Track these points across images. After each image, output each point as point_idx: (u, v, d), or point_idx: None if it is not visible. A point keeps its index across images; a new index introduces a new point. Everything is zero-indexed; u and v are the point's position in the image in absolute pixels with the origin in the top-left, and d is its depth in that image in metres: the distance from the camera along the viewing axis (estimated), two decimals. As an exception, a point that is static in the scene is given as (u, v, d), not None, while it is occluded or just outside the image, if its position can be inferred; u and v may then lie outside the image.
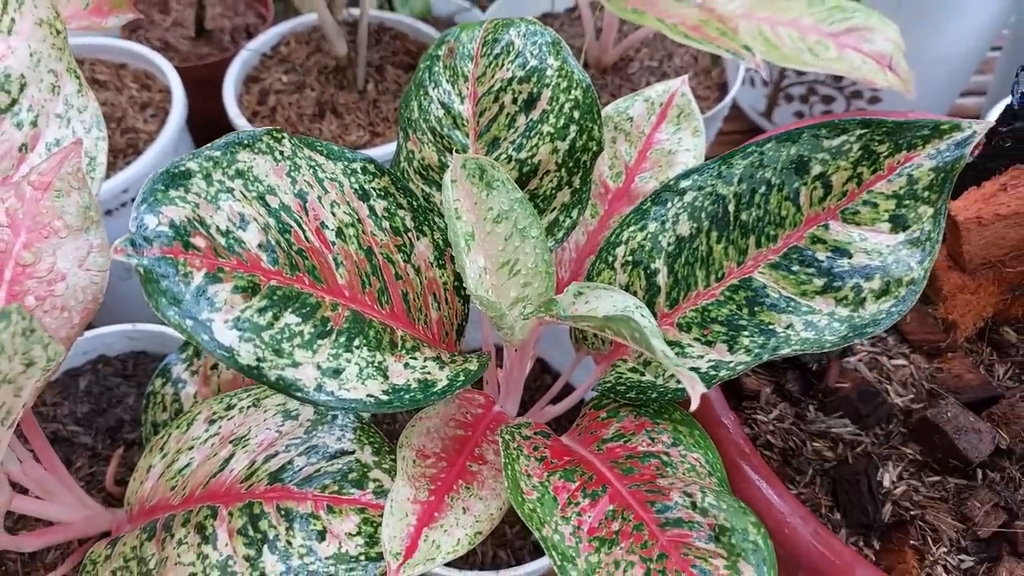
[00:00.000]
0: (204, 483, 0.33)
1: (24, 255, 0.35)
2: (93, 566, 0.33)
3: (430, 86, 0.39)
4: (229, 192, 0.27)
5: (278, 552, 0.29)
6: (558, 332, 0.56)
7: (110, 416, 0.52)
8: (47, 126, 0.38)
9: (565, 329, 0.55)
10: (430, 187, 0.40)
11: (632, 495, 0.29)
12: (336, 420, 0.33)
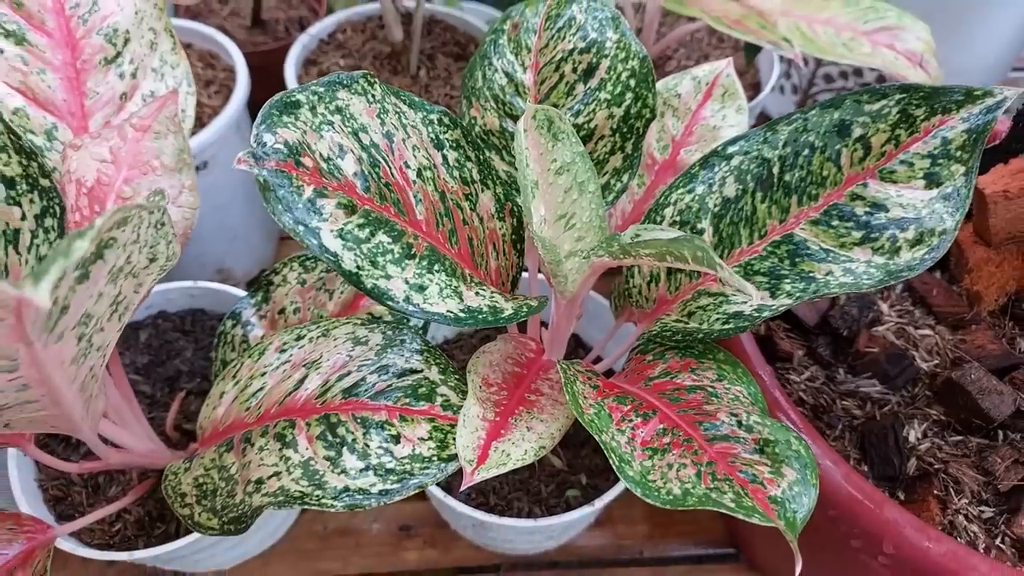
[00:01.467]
0: (279, 402, 0.36)
1: (124, 189, 0.38)
2: (175, 476, 0.36)
3: (494, 57, 0.43)
4: (330, 124, 0.30)
5: (357, 452, 0.31)
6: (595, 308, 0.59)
7: (169, 367, 0.55)
8: (144, 78, 0.41)
9: (601, 305, 0.58)
10: (490, 151, 0.43)
11: (680, 418, 0.32)
12: (404, 344, 0.36)
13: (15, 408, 0.28)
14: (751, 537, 0.56)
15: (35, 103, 0.39)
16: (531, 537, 0.52)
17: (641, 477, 0.28)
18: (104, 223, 0.19)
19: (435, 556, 0.61)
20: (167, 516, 0.49)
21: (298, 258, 0.45)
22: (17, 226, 0.38)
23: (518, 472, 0.53)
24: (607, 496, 0.47)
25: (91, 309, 0.27)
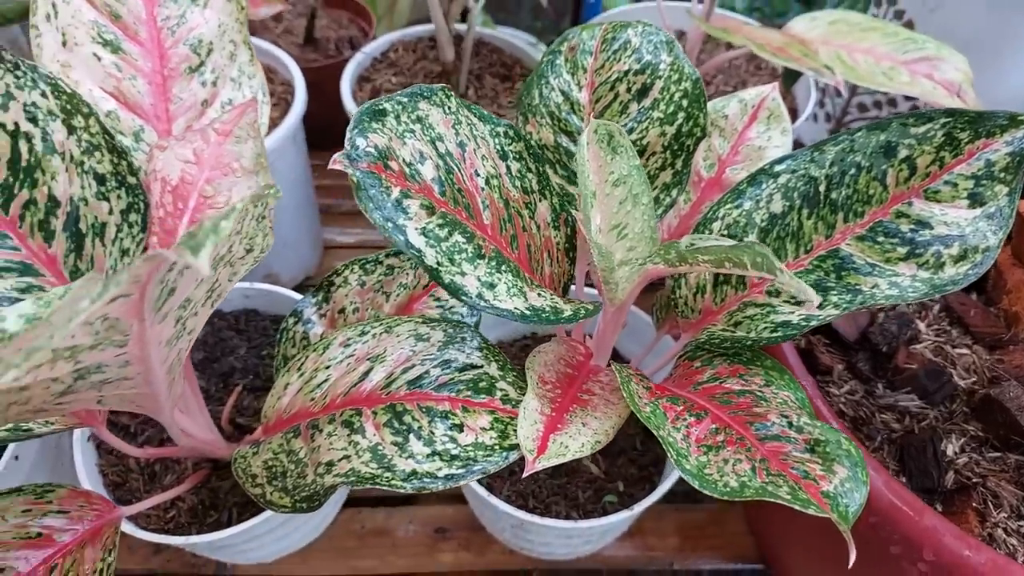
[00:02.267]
0: (345, 392, 0.38)
1: (206, 188, 0.41)
2: (244, 460, 0.38)
3: (551, 76, 0.45)
4: (412, 132, 0.33)
5: (423, 439, 0.33)
6: (633, 322, 0.61)
7: (223, 363, 0.57)
8: (223, 87, 0.44)
9: (640, 319, 0.60)
10: (544, 165, 0.45)
11: (732, 419, 0.33)
12: (465, 341, 0.37)
13: (113, 384, 0.30)
14: (783, 552, 0.57)
15: (126, 106, 0.42)
16: (568, 541, 0.53)
17: (698, 471, 0.29)
18: (243, 207, 0.21)
19: (469, 559, 0.62)
20: (219, 505, 0.51)
21: (358, 261, 0.48)
22: (104, 220, 0.40)
23: (556, 477, 0.54)
24: (646, 502, 0.49)
25: (191, 293, 0.29)
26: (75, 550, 0.41)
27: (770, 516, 0.59)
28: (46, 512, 0.42)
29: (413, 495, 0.66)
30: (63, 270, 0.40)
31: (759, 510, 0.61)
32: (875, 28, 0.58)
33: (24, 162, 0.38)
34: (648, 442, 0.58)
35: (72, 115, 0.39)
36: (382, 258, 0.48)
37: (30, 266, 0.39)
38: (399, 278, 0.48)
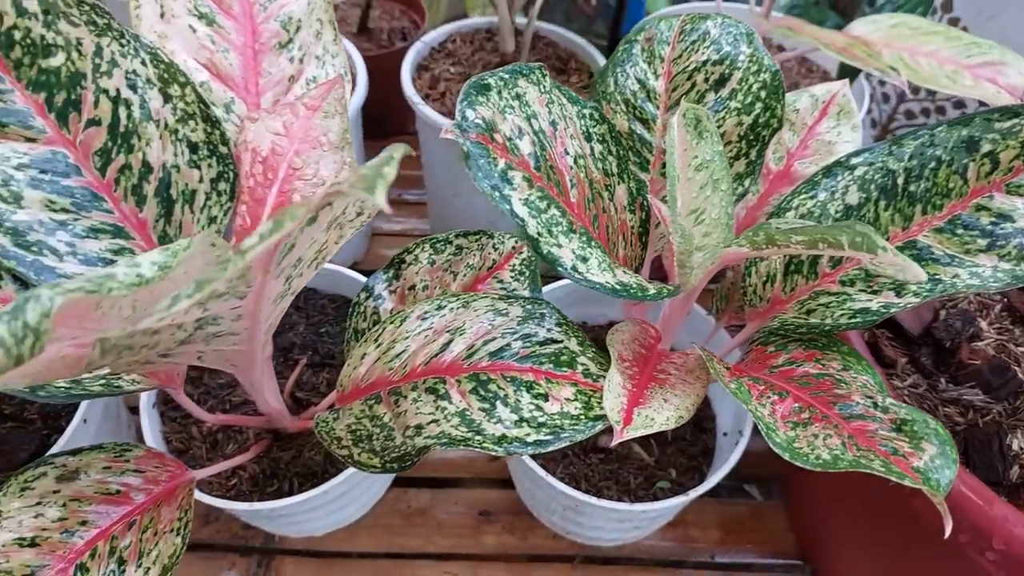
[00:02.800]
0: (425, 362, 0.39)
1: (295, 160, 0.42)
2: (326, 424, 0.39)
3: (627, 65, 0.46)
4: (512, 108, 0.34)
5: (510, 407, 0.34)
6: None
7: (283, 339, 0.58)
8: (309, 64, 0.45)
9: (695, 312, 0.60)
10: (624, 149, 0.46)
11: (814, 399, 0.34)
12: (544, 317, 0.38)
13: (222, 338, 0.31)
14: (828, 549, 0.57)
15: (218, 78, 0.43)
16: (620, 525, 0.54)
17: (788, 444, 0.30)
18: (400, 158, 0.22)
19: (512, 542, 0.63)
20: (279, 475, 0.52)
21: (429, 240, 0.49)
22: (195, 187, 0.42)
23: (608, 463, 0.55)
24: (701, 488, 0.49)
25: (304, 253, 0.30)
26: (152, 508, 0.42)
27: (814, 512, 0.59)
28: (124, 470, 0.43)
29: (458, 478, 0.67)
30: (152, 235, 0.41)
31: (801, 506, 0.62)
32: (937, 32, 0.58)
33: (122, 128, 0.39)
34: (697, 433, 0.58)
35: (169, 84, 0.40)
36: (452, 238, 0.49)
37: (122, 229, 0.40)
38: (466, 259, 0.49)
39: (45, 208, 0.38)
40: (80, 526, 0.41)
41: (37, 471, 0.42)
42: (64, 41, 0.38)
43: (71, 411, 0.54)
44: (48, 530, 0.40)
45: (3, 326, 0.21)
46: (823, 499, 0.56)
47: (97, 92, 0.39)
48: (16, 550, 0.39)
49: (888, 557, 0.49)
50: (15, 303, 0.22)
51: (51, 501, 0.41)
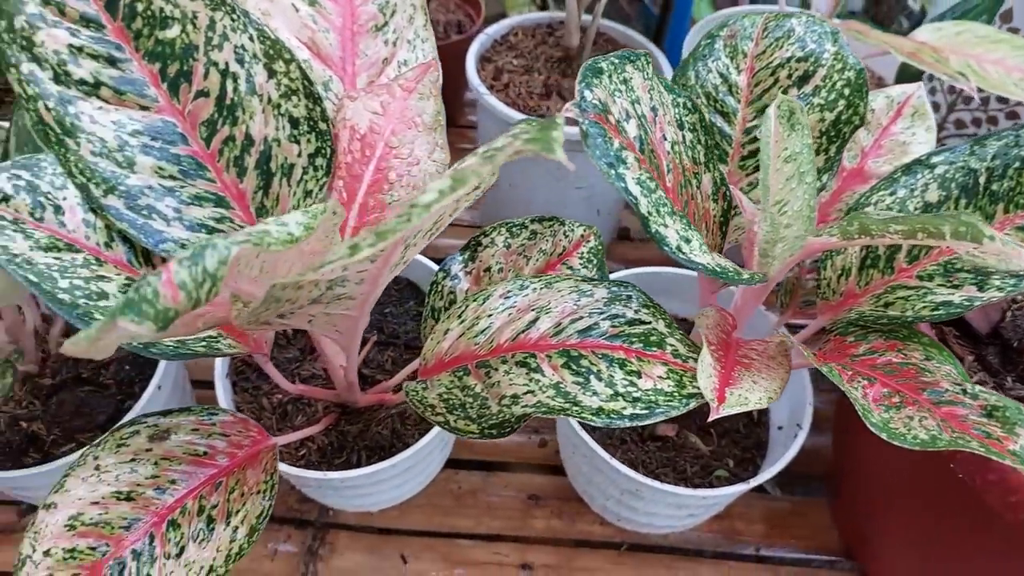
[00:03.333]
0: (512, 338, 0.40)
1: (392, 139, 0.43)
2: (416, 393, 0.40)
3: (709, 59, 0.47)
4: (620, 92, 0.35)
5: (604, 381, 0.35)
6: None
7: (348, 317, 0.60)
8: (400, 48, 0.47)
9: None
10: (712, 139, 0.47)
11: (901, 385, 0.35)
12: (631, 299, 0.39)
13: (340, 301, 0.33)
14: (875, 546, 0.58)
15: (318, 57, 0.44)
16: (676, 512, 0.55)
17: (884, 424, 0.31)
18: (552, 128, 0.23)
19: (560, 527, 0.64)
20: (346, 448, 0.53)
21: (506, 224, 0.50)
22: (293, 161, 0.43)
23: (665, 451, 0.56)
24: (762, 476, 0.50)
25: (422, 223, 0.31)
26: (237, 470, 0.44)
27: (863, 510, 0.60)
28: (211, 433, 0.45)
29: (507, 463, 0.68)
30: (250, 205, 0.43)
31: (848, 504, 0.63)
32: (1003, 40, 0.59)
33: (228, 100, 0.41)
34: (751, 425, 0.59)
35: (274, 60, 0.41)
36: (527, 223, 0.50)
37: (223, 198, 0.42)
38: (540, 244, 0.51)
39: (155, 174, 0.40)
40: (170, 484, 0.42)
41: (131, 429, 0.43)
42: (181, 14, 0.39)
43: (143, 379, 0.55)
44: (142, 486, 0.41)
45: (184, 271, 0.23)
46: (873, 498, 0.57)
47: (207, 65, 0.40)
48: (114, 503, 0.41)
49: (946, 559, 0.50)
50: (192, 251, 0.23)
51: (144, 459, 0.42)
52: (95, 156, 0.38)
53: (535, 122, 0.23)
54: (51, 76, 0.37)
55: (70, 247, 0.37)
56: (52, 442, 0.52)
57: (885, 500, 0.56)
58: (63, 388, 0.54)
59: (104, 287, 0.37)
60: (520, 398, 0.36)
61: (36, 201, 0.37)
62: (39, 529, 0.40)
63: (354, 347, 0.39)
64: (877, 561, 0.59)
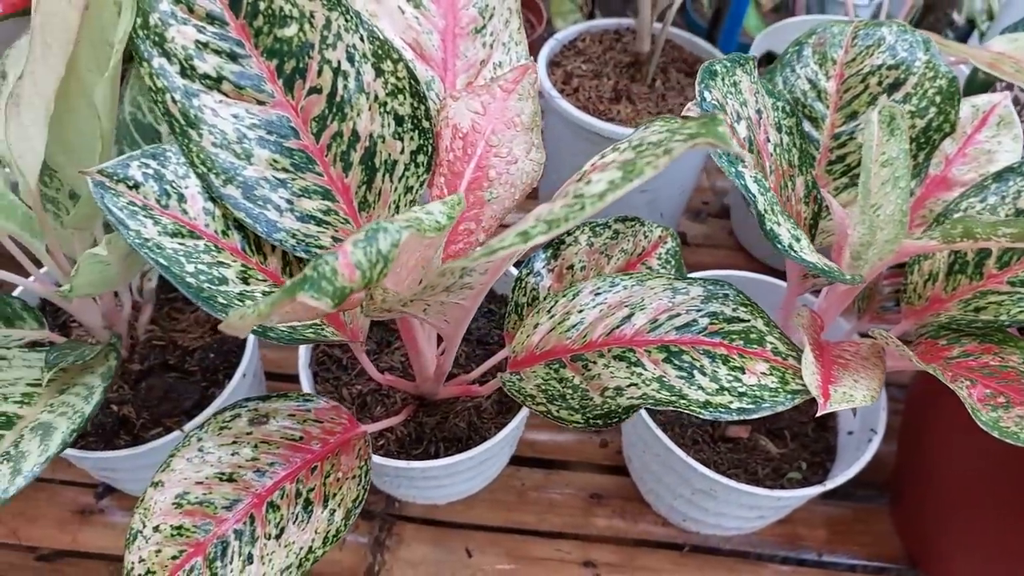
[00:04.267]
0: (606, 333, 0.41)
1: (492, 138, 0.44)
2: (513, 384, 0.42)
3: (797, 65, 0.48)
4: (731, 94, 0.36)
5: (708, 376, 0.36)
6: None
7: (422, 312, 0.61)
8: (496, 50, 0.48)
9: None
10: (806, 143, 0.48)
11: (1004, 387, 0.35)
12: (728, 298, 0.40)
13: (462, 291, 0.34)
14: (942, 555, 0.58)
15: (421, 58, 0.46)
16: (747, 513, 0.55)
17: (994, 423, 0.32)
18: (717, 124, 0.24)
19: (622, 526, 0.65)
20: (423, 439, 0.54)
21: (589, 223, 0.51)
22: (396, 158, 0.44)
23: (736, 452, 0.57)
24: (838, 479, 0.51)
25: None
26: (331, 456, 0.45)
27: (930, 519, 0.60)
28: (306, 419, 0.46)
29: (568, 461, 0.69)
30: (354, 200, 0.44)
31: (913, 513, 0.63)
32: (1080, 53, 0.59)
33: (338, 97, 0.42)
34: (819, 430, 0.60)
35: (382, 59, 0.43)
36: (610, 223, 0.51)
37: (330, 191, 0.43)
38: (621, 243, 0.52)
39: (270, 166, 0.41)
40: (269, 467, 0.43)
41: (233, 412, 0.45)
42: (299, 13, 0.41)
43: (227, 367, 0.57)
44: (243, 468, 0.43)
45: (360, 252, 0.24)
46: (942, 505, 0.57)
47: (321, 63, 0.42)
48: (217, 483, 0.42)
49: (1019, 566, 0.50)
50: (366, 233, 0.24)
51: (245, 441, 0.44)
52: (215, 147, 0.40)
53: (686, 119, 0.24)
54: (178, 70, 0.39)
55: (192, 234, 0.39)
56: (141, 426, 0.54)
57: (955, 507, 0.56)
58: (151, 374, 0.56)
59: (224, 272, 0.39)
60: (624, 390, 0.37)
61: (162, 189, 0.39)
62: (148, 506, 0.41)
63: (458, 337, 0.41)
64: (942, 569, 0.59)
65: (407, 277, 0.37)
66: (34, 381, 0.46)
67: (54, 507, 0.63)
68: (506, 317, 0.50)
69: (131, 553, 0.40)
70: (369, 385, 0.56)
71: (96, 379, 0.45)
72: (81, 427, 0.41)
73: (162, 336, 0.58)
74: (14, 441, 0.41)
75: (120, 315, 0.54)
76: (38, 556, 0.62)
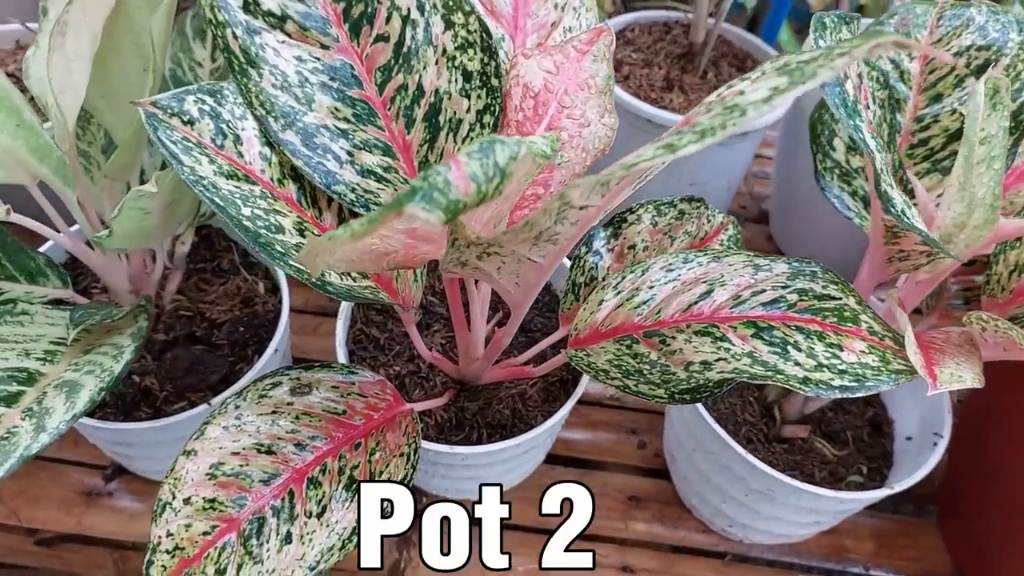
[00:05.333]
0: (682, 309, 0.38)
1: (564, 99, 0.42)
2: (582, 359, 0.39)
3: (878, 45, 0.46)
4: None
5: (803, 352, 0.33)
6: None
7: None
8: (567, 14, 0.46)
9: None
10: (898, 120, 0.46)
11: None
12: (816, 275, 0.38)
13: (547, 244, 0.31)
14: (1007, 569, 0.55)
15: (491, 15, 0.43)
16: (803, 518, 0.52)
17: None
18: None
19: (661, 532, 0.61)
20: (464, 425, 0.51)
21: (653, 202, 0.49)
22: (461, 117, 0.42)
23: (791, 454, 0.54)
24: (905, 482, 0.48)
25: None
26: (376, 432, 0.42)
27: (983, 535, 0.57)
28: (349, 392, 0.43)
29: (604, 462, 0.66)
30: (414, 158, 0.41)
31: (967, 528, 0.60)
32: None
33: (406, 48, 0.40)
34: (875, 435, 0.57)
35: (452, 12, 0.40)
36: (676, 202, 0.48)
37: (390, 148, 0.41)
38: (685, 224, 0.49)
39: (330, 115, 0.39)
40: (310, 440, 0.40)
41: (273, 380, 0.42)
42: (370, -45, 0.38)
43: (257, 342, 0.54)
44: (283, 440, 0.40)
45: (475, 163, 0.21)
46: (1002, 521, 0.55)
47: (391, 9, 0.39)
48: (254, 454, 0.39)
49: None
50: (481, 145, 0.22)
51: (285, 412, 0.41)
52: (275, 89, 0.37)
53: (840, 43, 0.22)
54: (240, 4, 0.36)
55: (247, 178, 0.36)
56: (164, 399, 0.51)
57: (1016, 521, 0.53)
58: (176, 345, 0.53)
59: (281, 221, 0.36)
60: (712, 364, 0.34)
61: (218, 128, 0.36)
62: (179, 476, 0.38)
63: (526, 306, 0.38)
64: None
65: (481, 230, 0.34)
66: (57, 339, 0.43)
67: (59, 487, 0.60)
68: (562, 298, 0.48)
69: (158, 526, 0.37)
70: (408, 367, 0.53)
71: (125, 339, 0.42)
72: (110, 386, 0.38)
73: (189, 307, 0.54)
74: (36, 398, 0.37)
75: (148, 280, 0.51)
76: (38, 540, 0.58)
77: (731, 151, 0.67)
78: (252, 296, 0.56)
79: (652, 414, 0.69)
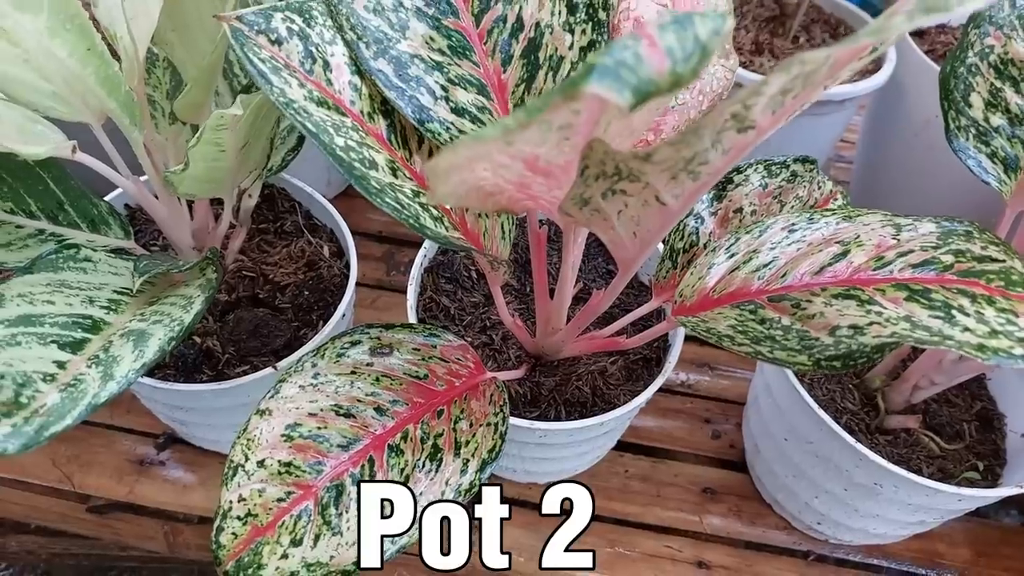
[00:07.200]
0: (813, 272, 0.34)
1: (679, 37, 0.38)
2: (699, 325, 0.35)
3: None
4: None
5: (972, 317, 0.29)
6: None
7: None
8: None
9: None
10: (1003, 82, 0.41)
11: None
12: (971, 235, 0.33)
13: (687, 178, 0.27)
14: None
15: (597, -55, 0.39)
16: (907, 517, 0.48)
17: None
18: None
19: (738, 527, 0.57)
20: (540, 400, 0.47)
21: (763, 162, 0.44)
22: (563, 54, 0.38)
23: (895, 447, 0.49)
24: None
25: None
26: (460, 400, 0.38)
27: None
28: (431, 356, 0.39)
29: (675, 451, 0.61)
30: (509, 100, 0.38)
31: (1079, 535, 0.55)
32: None
33: (506, -25, 0.36)
34: (984, 431, 0.52)
35: (558, -62, 0.37)
36: (789, 162, 0.44)
37: (484, 86, 0.37)
38: (796, 189, 0.45)
39: (425, 45, 0.35)
40: (390, 404, 0.37)
41: (351, 339, 0.38)
42: None
43: (322, 306, 0.51)
44: (362, 403, 0.36)
45: (671, 35, 0.17)
46: None
47: (493, -69, 0.36)
48: (332, 416, 0.36)
49: None
50: (674, 17, 0.18)
51: (364, 373, 0.37)
52: (368, 12, 0.34)
53: None
54: (334, -81, 0.33)
55: (338, 109, 0.33)
56: (226, 361, 0.47)
57: None
58: (238, 306, 0.50)
59: (374, 156, 0.33)
60: (864, 329, 0.30)
61: (307, 51, 0.33)
62: (253, 436, 0.34)
63: (639, 262, 0.34)
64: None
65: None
66: (121, 288, 0.40)
67: (112, 455, 0.57)
68: (658, 266, 0.44)
69: (229, 491, 0.33)
70: (480, 338, 0.50)
71: (194, 290, 0.39)
72: (180, 336, 0.35)
73: (252, 268, 0.51)
74: (103, 346, 0.34)
75: (211, 237, 0.48)
76: (90, 507, 0.56)
77: (821, 123, 0.63)
78: (317, 259, 0.53)
79: (727, 403, 0.65)
